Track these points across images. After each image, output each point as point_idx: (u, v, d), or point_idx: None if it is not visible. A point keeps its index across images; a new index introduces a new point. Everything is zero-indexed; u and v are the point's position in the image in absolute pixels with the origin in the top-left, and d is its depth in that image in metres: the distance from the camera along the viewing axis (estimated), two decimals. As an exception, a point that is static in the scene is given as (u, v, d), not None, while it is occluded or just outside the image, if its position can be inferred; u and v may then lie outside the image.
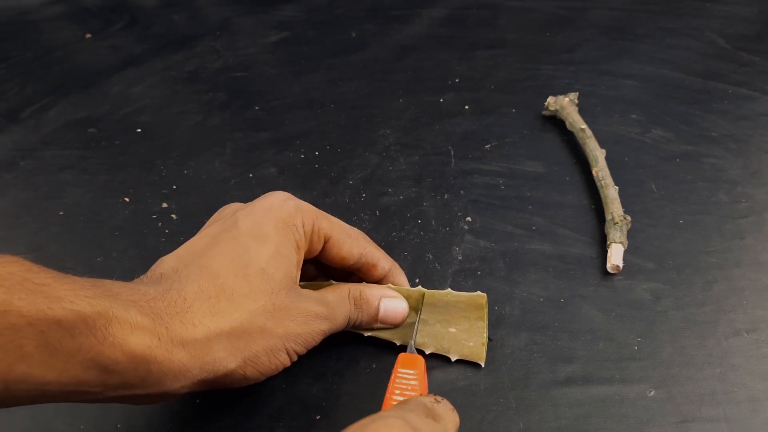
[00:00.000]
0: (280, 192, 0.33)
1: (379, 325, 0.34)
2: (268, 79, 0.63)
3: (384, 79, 0.63)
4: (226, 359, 0.27)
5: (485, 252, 0.41)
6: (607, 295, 0.38)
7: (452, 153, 0.51)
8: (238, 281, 0.28)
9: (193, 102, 0.60)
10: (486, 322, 0.34)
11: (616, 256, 0.39)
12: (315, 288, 0.33)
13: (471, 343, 0.34)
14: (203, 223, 0.44)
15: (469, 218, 0.44)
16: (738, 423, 0.31)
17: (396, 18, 0.77)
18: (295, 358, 0.30)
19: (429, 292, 0.35)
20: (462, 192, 0.47)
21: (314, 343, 0.30)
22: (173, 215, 0.45)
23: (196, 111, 0.58)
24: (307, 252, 0.32)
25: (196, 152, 0.52)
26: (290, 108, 0.58)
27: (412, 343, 0.33)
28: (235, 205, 0.33)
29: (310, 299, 0.30)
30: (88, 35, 0.74)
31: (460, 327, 0.34)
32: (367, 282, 0.35)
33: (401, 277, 0.36)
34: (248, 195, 0.47)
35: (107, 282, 0.25)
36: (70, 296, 0.22)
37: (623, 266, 0.39)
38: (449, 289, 0.35)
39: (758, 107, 0.56)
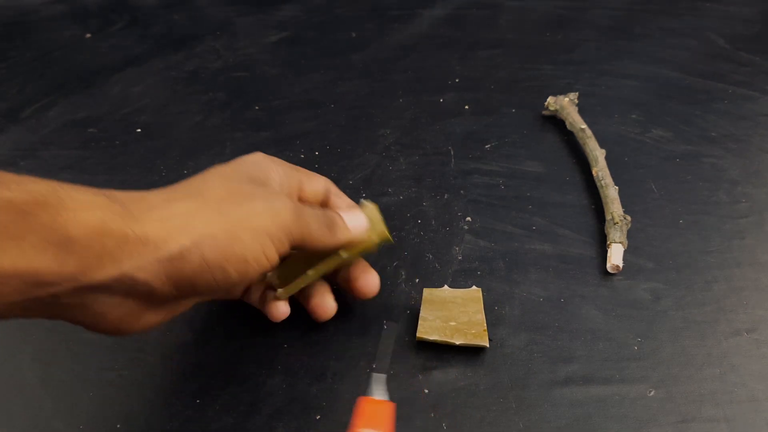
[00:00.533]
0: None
1: (351, 235, 0.32)
2: (268, 79, 0.63)
3: (384, 79, 0.63)
4: (178, 236, 0.25)
5: (485, 252, 0.41)
6: (607, 295, 0.38)
7: (452, 153, 0.51)
8: (198, 182, 0.28)
9: (193, 102, 0.60)
10: (484, 315, 0.35)
11: (616, 256, 0.39)
12: (287, 268, 0.33)
13: (473, 331, 0.34)
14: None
15: (469, 218, 0.44)
16: (738, 423, 0.31)
17: (396, 18, 0.77)
18: (269, 248, 0.27)
19: (428, 290, 0.37)
20: (462, 192, 0.47)
21: (287, 230, 0.28)
22: (173, 215, 0.45)
23: (196, 111, 0.58)
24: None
25: (196, 152, 0.52)
26: (290, 108, 0.58)
27: (377, 384, 0.30)
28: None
29: (277, 190, 0.31)
30: (88, 35, 0.74)
31: (461, 321, 0.35)
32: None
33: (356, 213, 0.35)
34: (248, 195, 0.47)
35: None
36: (22, 180, 0.22)
37: (623, 266, 0.39)
38: (446, 286, 0.36)
39: (758, 107, 0.56)
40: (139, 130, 0.56)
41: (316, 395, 0.33)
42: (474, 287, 0.36)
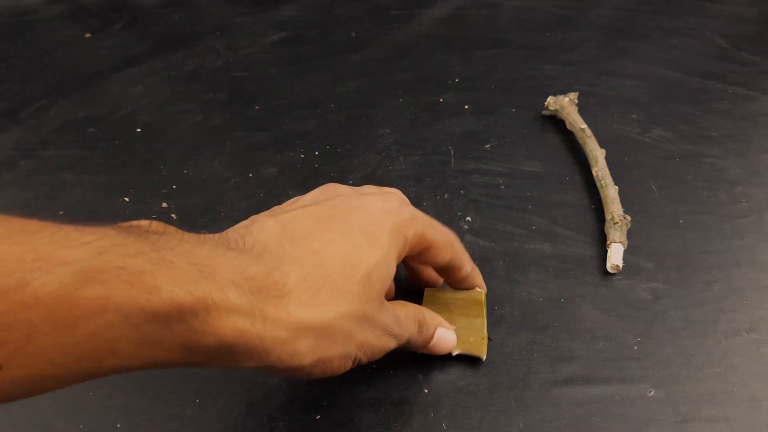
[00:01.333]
0: (397, 193, 0.34)
1: (425, 351, 0.33)
2: (268, 79, 0.63)
3: (384, 79, 0.63)
4: (304, 354, 0.25)
5: (485, 252, 0.41)
6: (607, 295, 0.38)
7: (452, 153, 0.51)
8: (343, 279, 0.27)
9: (193, 102, 0.60)
10: (485, 319, 0.34)
11: (616, 256, 0.39)
12: None
13: (471, 339, 0.34)
14: (203, 223, 0.44)
15: (469, 218, 0.44)
16: (738, 423, 0.31)
17: (396, 18, 0.77)
18: (353, 365, 0.29)
19: (429, 290, 0.36)
20: (462, 192, 0.47)
21: (377, 358, 0.29)
22: (173, 215, 0.45)
23: (196, 111, 0.58)
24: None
25: (196, 152, 0.52)
26: (290, 108, 0.58)
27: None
28: (341, 188, 0.32)
29: (390, 314, 0.29)
30: (88, 35, 0.74)
31: (460, 324, 0.34)
32: (449, 282, 0.35)
33: (479, 279, 0.36)
34: (248, 195, 0.47)
35: (208, 251, 0.24)
36: (168, 284, 0.21)
37: (623, 266, 0.39)
38: (448, 287, 0.35)
39: (758, 107, 0.56)
40: (139, 130, 0.56)
41: (316, 395, 0.33)
42: (477, 288, 0.35)
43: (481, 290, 0.35)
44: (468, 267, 0.34)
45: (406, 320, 0.30)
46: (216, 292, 0.22)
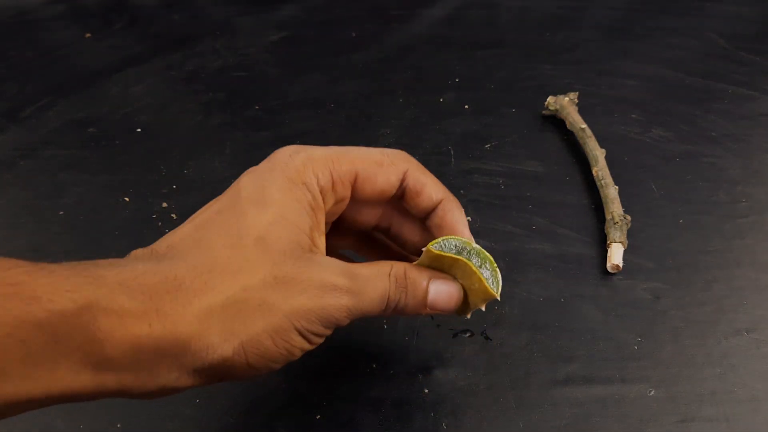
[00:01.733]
0: (289, 146, 0.29)
1: (428, 311, 0.28)
2: (268, 79, 0.63)
3: (384, 79, 0.63)
4: (220, 344, 0.23)
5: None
6: (607, 294, 0.38)
7: (452, 153, 0.51)
8: (233, 252, 0.24)
9: (193, 102, 0.60)
10: (493, 266, 0.28)
11: (616, 256, 0.39)
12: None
13: (476, 285, 0.28)
14: (203, 223, 0.44)
15: (469, 218, 0.44)
16: (738, 423, 0.31)
17: (396, 18, 0.77)
18: (316, 340, 0.25)
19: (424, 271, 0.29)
20: (462, 192, 0.47)
21: (336, 322, 0.25)
22: (173, 215, 0.45)
23: (196, 111, 0.58)
24: (336, 206, 0.28)
25: (196, 152, 0.52)
26: (290, 108, 0.58)
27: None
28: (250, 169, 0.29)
29: (328, 269, 0.25)
30: (88, 35, 0.74)
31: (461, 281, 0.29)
32: (415, 215, 0.30)
33: (457, 212, 0.30)
34: (248, 195, 0.47)
35: (92, 263, 0.22)
36: (48, 293, 0.19)
37: (623, 266, 0.39)
38: (441, 239, 0.28)
39: (758, 107, 0.56)
40: (139, 130, 0.56)
41: (316, 395, 0.33)
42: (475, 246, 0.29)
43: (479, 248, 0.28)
44: (433, 192, 0.30)
45: (372, 275, 0.26)
46: (103, 297, 0.21)
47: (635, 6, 0.77)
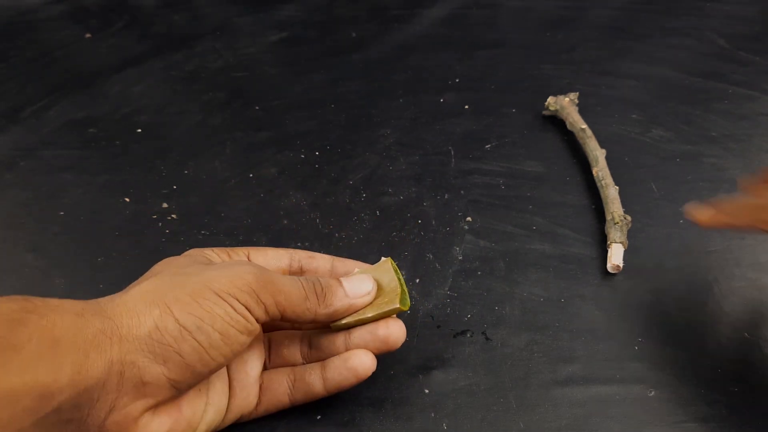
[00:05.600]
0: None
1: (349, 301, 0.30)
2: (268, 79, 0.63)
3: (384, 79, 0.63)
4: (147, 308, 0.25)
5: (485, 252, 0.41)
6: (607, 295, 0.38)
7: (452, 153, 0.51)
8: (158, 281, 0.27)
9: (193, 102, 0.60)
10: (398, 276, 0.31)
11: (616, 256, 0.39)
12: None
13: (386, 299, 0.31)
14: (203, 223, 0.44)
15: (469, 218, 0.44)
16: (738, 423, 0.31)
17: (396, 18, 0.77)
18: (244, 312, 0.26)
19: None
20: (462, 192, 0.47)
21: (248, 287, 0.26)
22: (173, 215, 0.45)
23: (196, 111, 0.58)
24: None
25: (196, 152, 0.52)
26: (290, 108, 0.58)
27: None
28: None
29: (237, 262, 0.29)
30: (88, 35, 0.74)
31: (378, 296, 0.31)
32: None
33: (349, 263, 0.34)
34: (248, 195, 0.47)
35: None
36: None
37: (623, 266, 0.39)
38: (356, 269, 0.33)
39: (758, 107, 0.56)
40: (139, 130, 0.56)
41: (316, 395, 0.33)
42: (383, 258, 0.33)
43: (387, 258, 0.33)
44: (321, 264, 0.33)
45: (282, 278, 0.28)
46: (38, 299, 0.24)
47: (635, 6, 0.77)
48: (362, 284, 0.31)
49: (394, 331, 0.30)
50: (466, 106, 0.58)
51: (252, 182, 0.49)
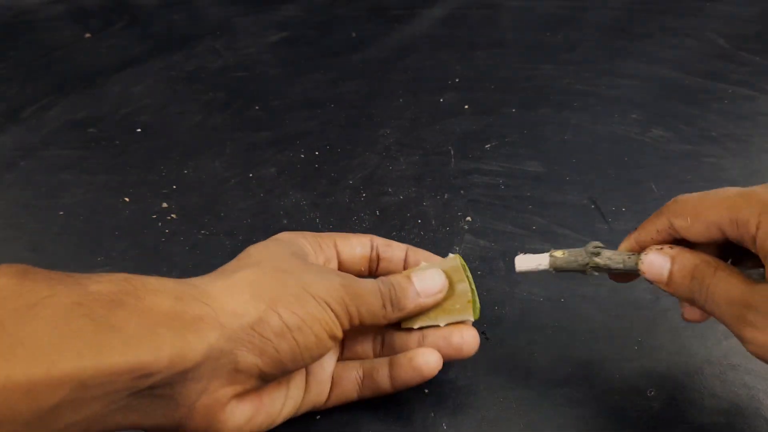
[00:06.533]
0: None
1: (421, 301, 0.30)
2: (268, 79, 0.63)
3: (384, 79, 0.63)
4: (254, 300, 0.26)
5: (485, 252, 0.41)
6: (607, 295, 0.38)
7: (452, 153, 0.51)
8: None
9: (193, 102, 0.60)
10: (469, 282, 0.31)
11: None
12: None
13: (457, 306, 0.31)
14: (203, 223, 0.44)
15: (469, 218, 0.44)
16: (738, 423, 0.31)
17: (396, 18, 0.77)
18: (335, 321, 0.27)
19: (404, 273, 0.32)
20: (462, 192, 0.47)
21: (340, 299, 0.28)
22: (173, 215, 0.45)
23: (196, 111, 0.58)
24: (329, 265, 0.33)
25: (196, 152, 0.52)
26: (290, 108, 0.58)
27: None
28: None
29: (325, 268, 0.30)
30: (88, 35, 0.74)
31: (445, 297, 0.31)
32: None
33: (421, 253, 0.34)
34: (248, 195, 0.47)
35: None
36: (96, 275, 0.24)
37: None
38: (422, 262, 0.33)
39: (758, 107, 0.56)
40: (139, 130, 0.56)
41: (316, 395, 0.33)
42: (450, 255, 0.32)
43: (455, 255, 0.32)
44: (397, 252, 0.34)
45: (363, 281, 0.29)
46: (138, 279, 0.25)
47: (635, 6, 0.77)
48: (433, 282, 0.31)
49: (468, 340, 0.30)
50: (466, 106, 0.57)
51: (252, 182, 0.49)
